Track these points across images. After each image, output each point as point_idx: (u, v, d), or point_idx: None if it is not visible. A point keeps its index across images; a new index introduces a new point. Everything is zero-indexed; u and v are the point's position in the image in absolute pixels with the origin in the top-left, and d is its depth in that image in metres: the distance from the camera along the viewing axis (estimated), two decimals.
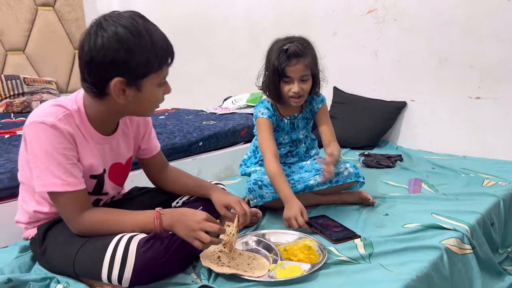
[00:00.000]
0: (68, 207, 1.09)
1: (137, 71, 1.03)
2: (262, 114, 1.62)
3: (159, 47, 1.05)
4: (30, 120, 1.07)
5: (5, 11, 3.24)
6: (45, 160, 1.05)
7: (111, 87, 1.04)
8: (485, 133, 2.32)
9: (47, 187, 1.06)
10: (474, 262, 1.32)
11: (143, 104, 1.11)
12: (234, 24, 3.30)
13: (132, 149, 1.31)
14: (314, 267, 1.14)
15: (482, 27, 2.23)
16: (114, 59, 1.01)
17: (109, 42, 1.00)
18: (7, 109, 2.99)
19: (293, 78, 1.53)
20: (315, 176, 1.58)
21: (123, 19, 1.02)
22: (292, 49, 1.51)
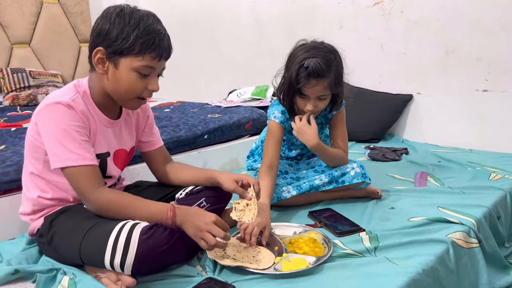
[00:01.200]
0: (85, 182, 1.10)
1: (116, 46, 1.08)
2: (275, 117, 1.55)
3: (146, 34, 1.09)
4: (44, 103, 1.11)
5: (10, 5, 3.24)
6: (61, 137, 1.08)
7: (93, 54, 1.11)
8: (492, 126, 2.30)
9: (63, 162, 1.09)
10: (480, 256, 1.32)
11: (119, 84, 1.13)
12: (239, 16, 3.28)
13: (134, 139, 1.35)
14: (319, 260, 1.14)
15: (490, 19, 2.21)
16: (101, 28, 1.10)
17: (103, 16, 1.11)
18: (13, 102, 3.00)
19: (310, 96, 1.44)
20: (320, 175, 1.56)
21: (128, 6, 1.11)
22: (313, 68, 1.37)
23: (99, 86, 1.17)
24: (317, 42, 1.47)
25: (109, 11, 1.11)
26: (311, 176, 1.58)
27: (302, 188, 1.54)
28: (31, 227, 1.25)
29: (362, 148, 2.38)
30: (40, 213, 1.23)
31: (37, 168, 1.19)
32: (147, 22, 1.09)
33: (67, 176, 1.11)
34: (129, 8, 1.11)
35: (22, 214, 1.28)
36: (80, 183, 1.11)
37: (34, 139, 1.16)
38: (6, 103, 3.01)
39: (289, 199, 1.53)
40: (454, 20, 2.32)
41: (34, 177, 1.21)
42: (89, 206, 1.13)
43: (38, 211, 1.23)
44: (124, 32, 1.08)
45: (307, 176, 1.59)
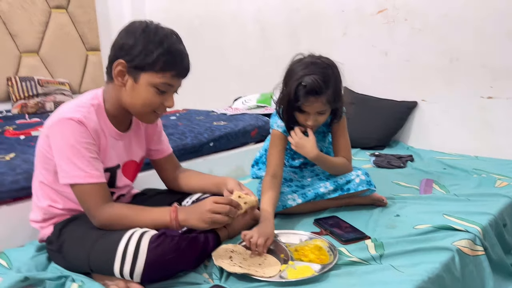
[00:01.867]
0: (90, 199, 1.13)
1: (138, 60, 1.11)
2: (278, 127, 1.56)
3: (169, 53, 1.12)
4: (57, 117, 1.13)
5: (19, 14, 3.29)
6: (70, 154, 1.10)
7: (114, 67, 1.13)
8: (498, 133, 2.30)
9: (71, 179, 1.11)
10: (486, 264, 1.32)
11: (136, 98, 1.16)
12: (244, 24, 3.31)
13: (144, 149, 1.37)
14: (325, 268, 1.14)
15: (494, 26, 2.21)
16: (124, 42, 1.12)
17: (127, 30, 1.14)
18: (22, 110, 3.04)
19: (309, 112, 1.45)
20: (325, 183, 1.57)
21: (152, 23, 1.14)
22: (310, 86, 1.37)
23: (115, 98, 1.19)
24: (314, 56, 1.47)
25: (134, 26, 1.13)
26: (316, 184, 1.58)
27: (307, 196, 1.54)
28: (41, 234, 1.28)
29: (367, 155, 2.38)
30: (50, 221, 1.25)
31: (47, 178, 1.21)
32: (170, 40, 1.12)
33: (74, 191, 1.15)
34: (154, 25, 1.13)
35: (32, 221, 1.30)
36: (86, 200, 1.13)
37: (45, 151, 1.18)
38: (15, 111, 3.05)
39: (295, 207, 1.53)
40: (458, 27, 2.33)
41: (44, 187, 1.23)
42: (93, 222, 1.15)
43: (48, 219, 1.25)
44: (148, 48, 1.10)
45: (312, 184, 1.59)
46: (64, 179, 1.13)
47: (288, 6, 3.02)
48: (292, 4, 3.00)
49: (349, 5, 2.72)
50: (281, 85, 1.50)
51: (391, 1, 2.54)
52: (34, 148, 1.90)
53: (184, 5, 3.65)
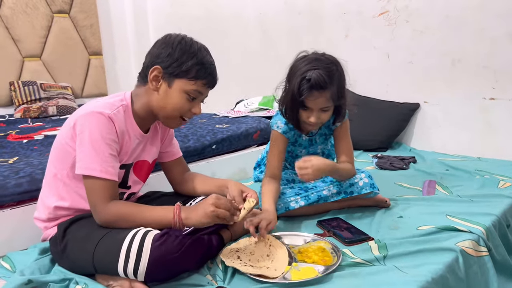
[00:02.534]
0: (99, 194, 1.14)
1: (174, 67, 1.19)
2: (278, 127, 1.56)
3: (202, 64, 1.20)
4: (89, 110, 1.16)
5: (22, 19, 3.31)
6: (92, 146, 1.14)
7: (150, 71, 1.21)
8: (500, 134, 2.30)
9: (88, 170, 1.14)
10: (490, 265, 1.31)
11: (168, 102, 1.22)
12: (246, 27, 3.32)
13: (158, 151, 1.41)
14: (328, 269, 1.14)
15: (495, 28, 2.22)
16: (161, 51, 1.21)
17: (164, 41, 1.23)
18: (25, 115, 3.05)
19: (313, 108, 1.43)
20: (329, 186, 1.56)
21: (187, 37, 1.23)
22: (315, 80, 1.36)
23: (145, 101, 1.25)
24: (318, 53, 1.45)
25: (171, 37, 1.22)
26: (319, 186, 1.58)
27: (310, 198, 1.54)
28: (45, 234, 1.28)
29: (369, 157, 2.38)
30: (55, 222, 1.25)
31: (61, 172, 1.23)
32: (203, 53, 1.22)
33: (86, 184, 1.16)
34: (189, 38, 1.23)
35: (37, 219, 1.30)
36: (95, 194, 1.15)
37: (65, 143, 1.20)
38: (18, 115, 3.06)
39: (297, 210, 1.53)
40: (460, 29, 2.33)
41: (57, 181, 1.24)
42: (96, 217, 1.16)
43: (53, 220, 1.26)
44: (183, 57, 1.19)
45: (315, 187, 1.59)
46: (81, 170, 1.15)
47: (290, 8, 3.03)
48: (294, 7, 3.01)
49: (351, 8, 2.73)
50: (283, 84, 1.49)
51: (393, 4, 2.55)
52: (37, 151, 1.92)
53: (186, 8, 3.66)
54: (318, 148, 1.68)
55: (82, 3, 3.63)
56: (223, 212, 1.12)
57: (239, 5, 3.33)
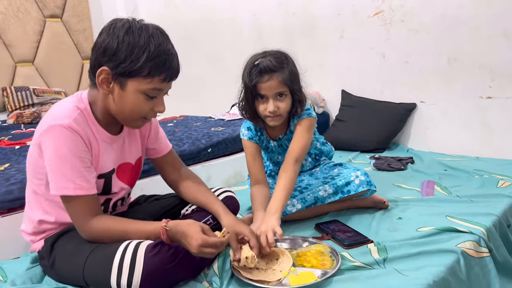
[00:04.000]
0: (79, 211, 1.08)
1: (124, 66, 1.03)
2: (243, 135, 1.55)
3: (157, 56, 1.04)
4: (47, 125, 1.06)
5: (14, 24, 3.28)
6: (60, 164, 1.05)
7: (97, 74, 1.05)
8: (498, 133, 2.28)
9: (60, 190, 1.06)
10: (491, 266, 1.29)
11: (124, 105, 1.09)
12: (240, 29, 3.31)
13: (140, 149, 1.31)
14: (327, 273, 1.11)
15: (491, 26, 2.21)
16: (107, 46, 1.04)
17: (109, 30, 1.05)
18: (18, 120, 3.01)
19: (268, 96, 1.38)
20: (324, 186, 1.53)
21: (136, 22, 1.06)
22: (263, 64, 1.35)
23: (102, 104, 1.13)
24: (266, 49, 1.44)
25: (116, 27, 1.05)
26: (315, 187, 1.54)
27: (307, 201, 1.50)
28: (32, 247, 1.25)
29: (367, 158, 2.36)
30: (41, 235, 1.21)
31: (40, 188, 1.17)
32: (157, 41, 1.05)
33: (64, 203, 1.10)
34: (138, 25, 1.05)
35: (23, 232, 1.26)
36: (75, 213, 1.09)
37: (36, 161, 1.13)
38: (10, 121, 3.03)
39: (295, 214, 1.49)
40: (455, 27, 2.32)
41: (38, 197, 1.19)
42: (82, 234, 1.11)
43: (38, 233, 1.22)
44: (133, 53, 1.02)
45: (310, 187, 1.55)
46: (54, 190, 1.07)
47: (284, 10, 3.01)
48: (288, 8, 2.99)
49: (345, 8, 2.72)
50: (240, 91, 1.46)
51: (387, 3, 2.53)
52: None
53: (180, 12, 3.64)
54: None
55: (75, 7, 3.60)
56: (209, 251, 1.04)
57: (233, 7, 3.31)
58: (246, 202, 1.72)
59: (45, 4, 3.43)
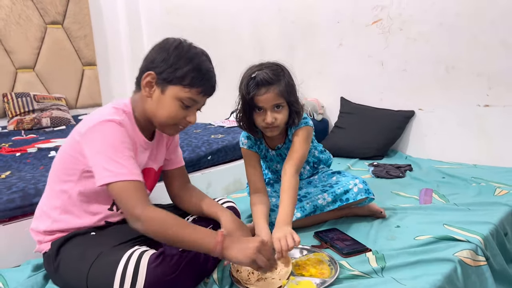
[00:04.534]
0: (135, 196, 1.06)
1: (168, 72, 1.14)
2: (243, 144, 1.56)
3: (199, 70, 1.15)
4: (96, 121, 1.10)
5: (15, 30, 3.30)
6: (112, 153, 1.07)
7: (143, 77, 1.16)
8: (495, 141, 2.30)
9: (116, 176, 1.05)
10: (488, 274, 1.30)
11: (161, 109, 1.17)
12: (240, 36, 3.33)
13: (163, 158, 1.36)
14: (326, 282, 1.13)
15: (489, 35, 2.23)
16: (157, 56, 1.16)
17: (161, 45, 1.18)
18: (18, 127, 3.02)
19: (265, 108, 1.40)
20: (323, 194, 1.54)
21: (185, 41, 1.18)
22: (260, 77, 1.38)
23: (141, 108, 1.20)
24: (263, 61, 1.47)
25: (168, 42, 1.17)
26: (314, 195, 1.55)
27: (306, 209, 1.52)
28: (38, 247, 1.24)
29: (365, 165, 2.38)
30: (51, 236, 1.21)
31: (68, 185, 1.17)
32: (200, 59, 1.16)
33: (117, 190, 1.06)
34: (187, 43, 1.17)
35: (33, 230, 1.25)
36: (131, 198, 1.06)
37: (71, 157, 1.14)
38: (11, 127, 3.04)
39: (294, 222, 1.47)
40: (453, 36, 2.34)
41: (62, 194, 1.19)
42: (136, 222, 1.06)
43: (49, 233, 1.21)
44: (178, 63, 1.13)
45: (309, 195, 1.56)
46: (106, 178, 1.06)
47: (284, 18, 3.04)
48: (287, 16, 3.02)
49: (344, 16, 2.74)
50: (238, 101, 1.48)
51: (386, 12, 2.56)
52: (30, 165, 1.90)
53: (181, 18, 3.67)
54: None
55: (76, 14, 3.62)
56: (263, 259, 1.05)
57: (234, 14, 3.34)
58: (246, 210, 1.73)
59: (46, 11, 3.44)
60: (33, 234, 1.25)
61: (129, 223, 1.07)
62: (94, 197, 1.19)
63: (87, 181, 1.15)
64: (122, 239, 1.16)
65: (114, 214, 1.25)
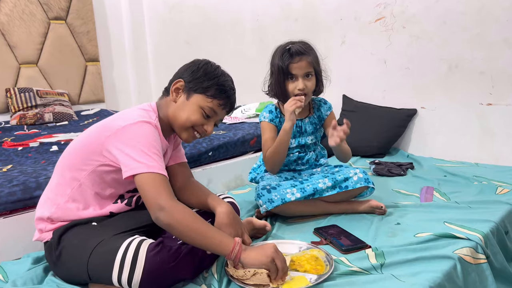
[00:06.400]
0: (161, 188, 1.10)
1: (196, 82, 1.27)
2: (265, 118, 1.70)
3: (222, 85, 1.28)
4: (133, 120, 1.17)
5: (18, 25, 3.31)
6: (145, 148, 1.13)
7: (173, 84, 1.29)
8: (498, 139, 2.29)
9: (149, 168, 1.11)
10: (488, 272, 1.30)
11: (182, 112, 1.27)
12: (242, 32, 3.33)
13: (169, 158, 1.41)
14: (320, 278, 1.12)
15: (492, 33, 2.22)
16: (188, 69, 1.30)
17: (193, 62, 1.33)
18: (20, 122, 3.04)
19: (297, 75, 1.59)
20: (324, 179, 1.58)
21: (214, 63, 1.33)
22: (294, 48, 1.59)
23: (165, 112, 1.30)
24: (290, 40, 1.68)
25: (199, 61, 1.32)
26: (315, 179, 1.60)
27: (306, 191, 1.55)
28: (40, 236, 1.24)
29: (367, 163, 2.37)
30: (54, 225, 1.22)
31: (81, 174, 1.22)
32: (226, 78, 1.31)
33: (145, 180, 1.10)
34: (215, 64, 1.33)
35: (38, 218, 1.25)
36: (158, 188, 1.09)
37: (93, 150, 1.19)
38: (14, 122, 3.05)
39: (294, 207, 1.55)
40: (457, 34, 2.33)
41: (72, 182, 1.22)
42: (159, 212, 1.08)
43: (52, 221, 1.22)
44: (206, 76, 1.27)
45: (310, 179, 1.61)
46: (138, 169, 1.10)
47: (287, 15, 3.03)
48: (290, 13, 3.01)
49: (347, 14, 2.73)
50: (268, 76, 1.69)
51: (389, 10, 2.55)
52: (32, 159, 1.91)
53: (184, 15, 3.67)
54: (308, 138, 1.73)
55: (79, 10, 3.62)
56: (282, 258, 1.10)
57: (236, 11, 3.33)
58: (246, 206, 1.74)
59: (49, 6, 3.45)
60: (36, 222, 1.26)
61: (151, 215, 1.10)
62: (104, 189, 1.24)
63: (100, 172, 1.20)
64: (122, 229, 1.18)
65: (119, 207, 1.28)
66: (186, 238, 1.09)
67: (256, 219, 1.49)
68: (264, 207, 1.53)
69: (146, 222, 1.24)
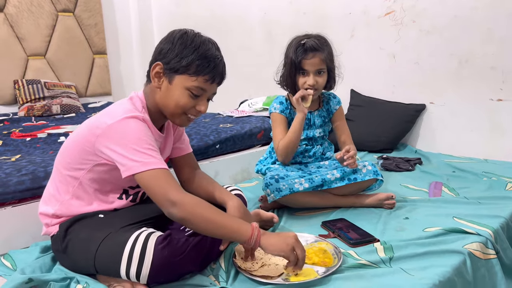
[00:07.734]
0: (166, 183, 1.06)
1: (174, 62, 1.14)
2: (275, 109, 1.69)
3: (204, 57, 1.14)
4: (119, 117, 1.10)
5: (26, 17, 3.31)
6: (138, 145, 1.08)
7: (152, 68, 1.18)
8: (508, 136, 2.27)
9: (146, 165, 1.06)
10: (498, 268, 1.29)
11: (169, 99, 1.18)
12: (250, 26, 3.31)
13: (171, 149, 1.37)
14: (328, 271, 1.12)
15: (504, 28, 2.19)
16: (163, 47, 1.17)
17: (167, 37, 1.19)
18: (28, 113, 3.04)
19: (309, 71, 1.59)
20: (332, 170, 1.59)
21: (192, 31, 1.19)
22: (309, 44, 1.57)
23: (152, 100, 1.21)
24: (307, 32, 1.68)
25: (174, 33, 1.18)
26: (323, 170, 1.62)
27: (314, 181, 1.56)
28: (46, 230, 1.25)
29: (375, 158, 2.36)
30: (59, 220, 1.22)
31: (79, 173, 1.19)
32: (206, 47, 1.16)
33: (147, 179, 1.06)
34: (192, 32, 1.18)
35: (42, 214, 1.26)
36: (163, 184, 1.06)
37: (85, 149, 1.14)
38: (22, 113, 3.06)
39: (302, 198, 1.56)
40: (467, 29, 2.31)
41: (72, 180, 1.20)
42: (171, 207, 1.05)
43: (57, 216, 1.22)
44: (183, 52, 1.14)
45: (319, 171, 1.62)
46: (134, 169, 1.06)
47: (295, 8, 3.01)
48: (299, 7, 2.99)
49: (357, 8, 2.71)
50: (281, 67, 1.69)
51: (399, 3, 2.53)
52: (40, 149, 1.91)
53: (190, 9, 3.66)
54: (316, 131, 1.73)
55: (87, 2, 3.62)
56: (302, 248, 1.07)
57: (244, 5, 3.32)
58: (253, 199, 1.73)
59: None
60: (41, 218, 1.26)
61: (164, 211, 1.07)
62: (105, 185, 1.21)
63: (98, 171, 1.17)
64: (129, 221, 1.17)
65: (124, 204, 1.26)
66: (202, 230, 1.07)
67: (264, 211, 1.48)
68: (272, 196, 1.53)
69: (153, 214, 1.25)
